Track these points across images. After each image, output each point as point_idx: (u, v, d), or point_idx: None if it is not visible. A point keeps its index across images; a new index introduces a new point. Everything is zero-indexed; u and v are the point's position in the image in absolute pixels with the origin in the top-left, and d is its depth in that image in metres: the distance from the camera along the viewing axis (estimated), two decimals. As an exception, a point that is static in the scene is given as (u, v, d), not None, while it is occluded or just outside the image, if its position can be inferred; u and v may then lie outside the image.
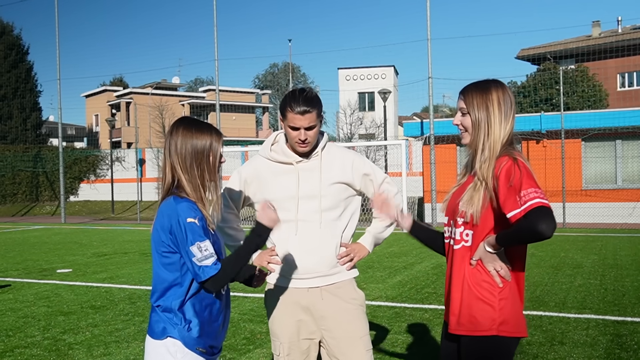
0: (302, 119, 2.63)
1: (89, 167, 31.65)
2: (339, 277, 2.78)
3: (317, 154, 2.78)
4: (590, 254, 10.73)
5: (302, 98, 2.66)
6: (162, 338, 2.31)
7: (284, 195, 2.75)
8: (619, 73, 37.38)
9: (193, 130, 2.24)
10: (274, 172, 2.80)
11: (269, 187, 2.79)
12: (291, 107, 2.64)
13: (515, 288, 2.28)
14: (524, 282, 2.34)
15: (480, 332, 2.18)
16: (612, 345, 5.09)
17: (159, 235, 2.23)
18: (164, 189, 2.26)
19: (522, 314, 2.31)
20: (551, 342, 5.20)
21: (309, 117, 2.65)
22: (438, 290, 7.61)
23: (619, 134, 17.47)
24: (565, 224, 16.71)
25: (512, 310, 2.25)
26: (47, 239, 15.94)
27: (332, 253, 2.75)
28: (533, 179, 2.17)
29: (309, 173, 2.77)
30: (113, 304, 7.19)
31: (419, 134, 19.70)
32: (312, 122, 2.66)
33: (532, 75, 35.88)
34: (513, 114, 2.33)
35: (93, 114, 54.43)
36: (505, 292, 2.23)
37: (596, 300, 6.84)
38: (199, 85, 66.57)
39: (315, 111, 2.66)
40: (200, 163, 2.22)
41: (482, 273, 2.22)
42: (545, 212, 2.12)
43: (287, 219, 2.71)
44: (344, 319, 2.73)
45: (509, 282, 2.25)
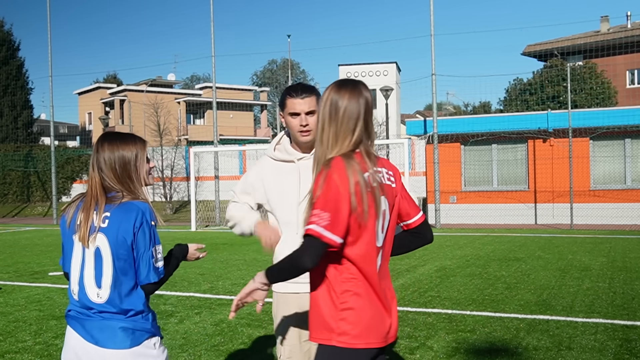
0: (301, 102, 2.73)
1: (82, 166, 31.65)
2: None
3: None
4: (599, 256, 10.73)
5: (300, 85, 2.81)
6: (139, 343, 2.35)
7: (285, 194, 2.82)
8: (628, 70, 37.38)
9: (118, 143, 2.44)
10: (277, 171, 2.87)
11: (271, 187, 2.87)
12: (290, 94, 2.76)
13: (365, 296, 2.09)
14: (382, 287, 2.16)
15: (322, 341, 2.11)
16: (621, 350, 5.09)
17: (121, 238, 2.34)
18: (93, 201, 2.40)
19: (374, 323, 2.10)
20: (558, 347, 5.20)
21: (309, 102, 2.74)
22: (442, 294, 7.62)
23: (628, 133, 17.47)
24: (573, 225, 16.71)
25: (356, 320, 2.07)
26: (39, 241, 15.94)
27: None
28: (326, 197, 2.01)
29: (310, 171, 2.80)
30: (107, 307, 7.18)
31: (422, 133, 19.71)
32: (312, 106, 2.74)
33: (538, 72, 35.91)
34: (344, 117, 2.11)
35: (86, 111, 54.44)
36: (350, 302, 2.07)
37: (605, 304, 6.84)
38: (196, 83, 66.63)
39: (314, 96, 2.76)
40: (130, 173, 2.43)
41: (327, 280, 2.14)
42: (309, 244, 2.00)
43: (289, 220, 2.79)
44: None
45: (356, 291, 2.08)
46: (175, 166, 28.23)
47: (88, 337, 2.32)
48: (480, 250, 12.07)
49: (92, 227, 2.35)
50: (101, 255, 2.34)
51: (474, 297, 7.37)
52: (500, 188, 18.93)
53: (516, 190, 18.71)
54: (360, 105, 2.13)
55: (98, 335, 2.32)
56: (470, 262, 10.44)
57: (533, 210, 18.53)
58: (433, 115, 18.89)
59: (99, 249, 2.34)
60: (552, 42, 40.20)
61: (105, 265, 2.34)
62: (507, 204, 18.63)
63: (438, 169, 18.58)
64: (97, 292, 2.35)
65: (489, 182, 19.11)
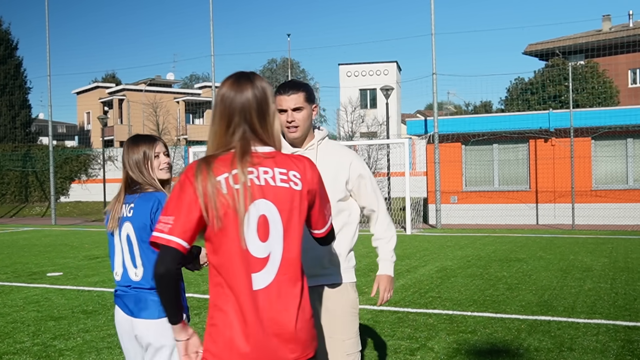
0: (287, 99, 2.80)
1: (80, 166, 31.66)
2: (331, 279, 2.86)
3: (312, 147, 2.89)
4: (601, 257, 10.73)
5: (289, 82, 2.88)
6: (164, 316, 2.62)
7: None
8: (630, 69, 37.38)
9: (132, 145, 2.99)
10: None
11: None
12: (279, 91, 2.83)
13: (229, 315, 1.89)
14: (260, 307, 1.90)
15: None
16: (623, 351, 5.09)
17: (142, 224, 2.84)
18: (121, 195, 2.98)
19: (232, 349, 1.87)
20: (560, 348, 5.20)
21: (295, 98, 2.80)
22: (442, 295, 7.62)
23: (630, 132, 17.47)
24: (575, 225, 16.71)
25: (217, 338, 1.90)
26: (37, 241, 15.95)
27: (325, 253, 2.80)
28: (171, 201, 1.90)
29: None
30: (105, 308, 7.19)
31: (422, 132, 19.71)
32: (298, 103, 2.80)
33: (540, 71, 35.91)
34: (223, 113, 1.97)
35: (84, 111, 54.43)
36: (215, 318, 1.93)
37: (606, 305, 6.84)
38: (195, 82, 66.62)
39: (301, 93, 2.81)
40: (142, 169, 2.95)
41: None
42: (159, 252, 1.88)
43: None
44: (329, 320, 2.83)
45: (222, 306, 1.90)
46: (174, 166, 28.27)
47: (126, 310, 2.86)
48: (482, 250, 12.07)
49: (121, 217, 2.90)
50: (131, 241, 2.87)
51: (475, 298, 7.37)
52: (501, 188, 18.93)
53: (517, 190, 18.71)
54: (244, 98, 1.95)
55: (133, 307, 2.83)
56: (471, 262, 10.44)
57: (534, 210, 18.54)
58: (434, 115, 18.89)
59: (128, 235, 2.87)
60: (553, 41, 40.21)
61: (135, 249, 2.86)
62: (509, 204, 18.63)
63: (439, 169, 18.58)
64: (134, 271, 2.87)
65: (490, 182, 19.12)
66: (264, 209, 1.89)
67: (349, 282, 2.92)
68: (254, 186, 1.89)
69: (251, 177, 1.89)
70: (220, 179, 1.87)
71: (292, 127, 2.83)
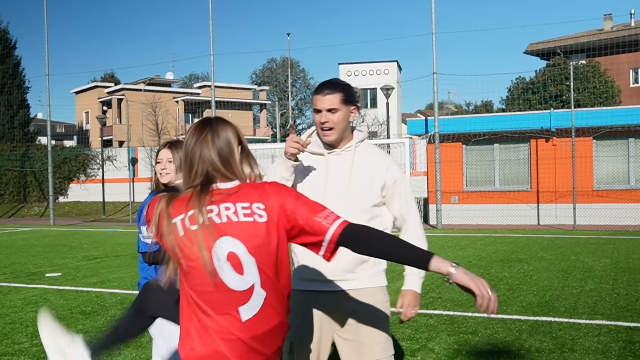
0: (322, 100, 2.72)
1: (79, 166, 31.65)
2: (361, 284, 2.79)
3: (350, 148, 2.80)
4: (602, 257, 10.73)
5: (326, 82, 2.78)
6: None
7: (310, 187, 2.77)
8: (632, 68, 37.37)
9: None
10: (305, 162, 2.83)
11: (298, 178, 2.83)
12: (316, 90, 2.77)
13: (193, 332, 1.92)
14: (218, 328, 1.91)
15: None
16: (624, 352, 5.09)
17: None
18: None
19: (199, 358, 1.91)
20: (561, 349, 5.20)
21: (330, 99, 2.71)
22: (443, 295, 7.62)
23: (632, 132, 17.48)
24: (576, 226, 16.71)
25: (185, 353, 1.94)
26: (36, 242, 15.95)
27: (354, 257, 2.66)
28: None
29: (339, 167, 2.79)
30: (104, 309, 7.19)
31: (423, 132, 19.72)
32: (333, 104, 2.71)
33: (541, 70, 35.90)
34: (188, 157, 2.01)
35: (83, 111, 54.44)
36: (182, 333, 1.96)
37: (608, 306, 6.85)
38: (194, 81, 66.60)
39: (337, 94, 2.72)
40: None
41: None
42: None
43: None
44: (358, 324, 2.76)
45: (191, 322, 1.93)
46: (173, 166, 28.22)
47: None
48: (482, 251, 12.07)
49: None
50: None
51: (475, 299, 7.36)
52: (502, 188, 18.93)
53: (518, 190, 18.71)
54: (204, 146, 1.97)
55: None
56: (472, 263, 10.44)
57: (535, 210, 18.54)
58: (434, 115, 18.89)
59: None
60: (554, 41, 40.20)
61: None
62: (510, 205, 18.63)
63: (439, 168, 18.58)
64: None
65: (491, 182, 19.12)
66: (229, 245, 1.89)
67: (378, 286, 2.85)
68: (214, 225, 1.88)
69: (211, 215, 1.89)
70: (175, 220, 1.89)
71: (326, 130, 2.75)
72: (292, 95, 58.96)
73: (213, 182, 1.96)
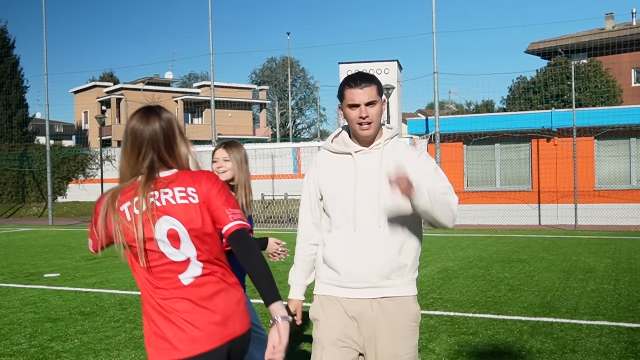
0: (361, 93, 2.60)
1: (78, 166, 31.65)
2: (394, 292, 2.65)
3: (378, 146, 2.69)
4: (604, 258, 10.73)
5: (359, 75, 2.66)
6: None
7: (340, 188, 2.68)
8: (633, 68, 37.37)
9: None
10: (333, 163, 2.74)
11: (326, 180, 2.73)
12: (349, 84, 2.62)
13: (148, 310, 2.26)
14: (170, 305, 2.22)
15: None
16: (626, 353, 5.09)
17: None
18: None
19: (156, 339, 2.23)
20: (562, 349, 5.20)
21: (369, 91, 2.61)
22: (444, 296, 7.62)
23: (633, 132, 17.48)
24: (578, 226, 16.71)
25: (147, 335, 2.27)
26: (34, 242, 15.95)
27: (389, 261, 2.61)
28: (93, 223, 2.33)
29: (368, 165, 2.68)
30: (103, 310, 7.19)
31: (423, 132, 19.72)
32: (372, 97, 2.61)
33: (542, 70, 35.91)
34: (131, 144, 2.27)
35: (82, 110, 54.43)
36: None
37: (609, 306, 6.85)
38: (193, 81, 66.60)
39: (374, 85, 2.63)
40: None
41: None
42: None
43: (344, 216, 2.65)
44: (387, 334, 2.65)
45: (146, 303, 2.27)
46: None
47: None
48: (483, 251, 12.07)
49: None
50: None
51: (476, 299, 7.37)
52: (503, 188, 18.93)
53: (519, 190, 18.71)
54: (151, 130, 2.25)
55: None
56: (473, 263, 10.44)
57: (537, 210, 18.53)
58: (435, 114, 18.90)
59: None
60: (556, 40, 40.21)
61: None
62: (510, 205, 18.63)
63: (440, 168, 18.55)
64: None
65: (492, 182, 19.12)
66: (169, 224, 2.22)
67: (411, 295, 2.70)
68: (155, 207, 2.21)
69: (152, 200, 2.21)
70: (123, 208, 2.22)
71: (365, 124, 2.62)
72: (292, 95, 58.97)
73: (156, 171, 2.25)
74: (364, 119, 2.60)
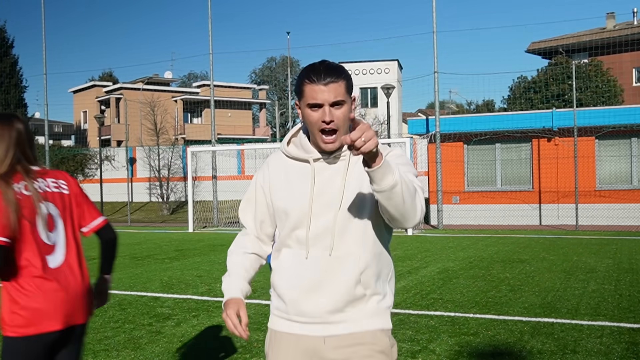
0: (324, 90, 2.04)
1: (77, 166, 31.66)
2: (350, 327, 2.13)
3: (344, 155, 2.14)
4: (605, 258, 10.73)
5: (323, 66, 2.10)
6: None
7: (293, 203, 2.16)
8: (634, 67, 37.36)
9: None
10: (287, 169, 2.22)
11: (278, 190, 2.22)
12: (309, 77, 2.07)
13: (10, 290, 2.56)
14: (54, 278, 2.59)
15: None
16: (627, 353, 5.09)
17: None
18: None
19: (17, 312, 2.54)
20: (563, 350, 5.20)
21: (335, 89, 2.05)
22: (444, 296, 7.62)
23: (634, 132, 17.47)
24: (578, 226, 16.71)
25: (7, 310, 2.55)
26: (33, 242, 15.92)
27: (343, 294, 2.10)
28: None
29: (328, 178, 2.14)
30: (102, 310, 7.19)
31: (424, 132, 19.72)
32: (339, 95, 2.05)
33: (543, 69, 35.89)
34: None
35: (81, 110, 54.43)
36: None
37: (611, 307, 6.84)
38: (193, 81, 66.62)
39: (342, 82, 2.08)
40: None
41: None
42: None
43: (294, 237, 2.16)
44: None
45: (7, 284, 2.56)
46: (172, 166, 28.25)
47: None
48: (484, 251, 12.07)
49: None
50: None
51: (477, 300, 7.37)
52: (504, 188, 18.93)
53: (520, 190, 18.71)
54: (9, 136, 2.64)
55: None
56: (474, 263, 10.44)
57: (537, 210, 18.54)
58: (435, 114, 18.89)
59: None
60: (557, 39, 40.20)
61: None
62: (511, 205, 18.63)
63: (440, 168, 18.58)
64: None
65: (493, 182, 19.12)
66: (48, 209, 2.63)
67: (378, 329, 2.15)
68: (39, 193, 2.61)
69: (36, 185, 2.62)
70: (17, 188, 2.55)
71: (330, 135, 2.07)
72: (291, 95, 58.94)
73: (27, 164, 2.65)
74: (327, 124, 2.05)
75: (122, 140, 46.13)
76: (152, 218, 25.62)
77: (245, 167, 28.47)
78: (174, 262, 11.25)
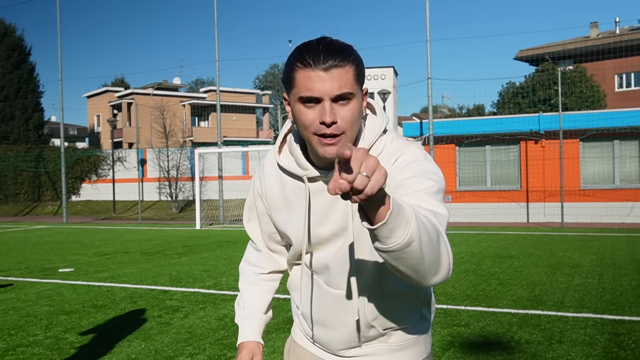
0: (324, 78, 1.33)
1: (91, 167, 31.64)
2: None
3: None
4: (589, 254, 10.73)
5: (323, 45, 1.36)
6: None
7: (294, 233, 1.63)
8: (617, 74, 37.36)
9: None
10: (284, 186, 1.61)
11: (277, 214, 1.67)
12: (303, 60, 1.35)
13: None
14: None
15: None
16: (610, 344, 5.09)
17: None
18: None
19: None
20: (549, 340, 5.20)
21: (340, 77, 1.34)
22: (437, 290, 7.62)
23: (617, 135, 17.47)
24: (564, 223, 16.71)
25: None
26: (49, 239, 15.94)
27: (357, 333, 1.62)
28: None
29: (330, 202, 1.52)
30: (115, 303, 7.19)
31: (418, 134, 19.71)
32: (344, 86, 1.34)
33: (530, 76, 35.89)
34: None
35: (95, 114, 54.41)
36: None
37: (594, 300, 6.84)
38: (200, 86, 66.58)
39: (350, 67, 1.36)
40: None
41: None
42: None
43: (305, 262, 1.65)
44: None
45: None
46: (180, 167, 28.24)
47: None
48: (475, 247, 12.07)
49: None
50: None
51: (468, 293, 7.37)
52: (493, 188, 18.92)
53: (509, 189, 18.70)
54: None
55: None
56: (465, 259, 10.43)
57: (525, 209, 18.53)
58: (429, 118, 18.88)
59: None
60: (543, 47, 40.18)
61: None
62: (500, 203, 18.62)
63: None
64: None
65: (483, 182, 19.11)
66: None
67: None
68: None
69: None
70: None
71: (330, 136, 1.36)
72: (293, 99, 58.79)
73: None
74: (328, 128, 1.35)
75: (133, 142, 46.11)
76: (162, 216, 25.62)
77: (250, 168, 28.48)
78: (182, 258, 11.25)
